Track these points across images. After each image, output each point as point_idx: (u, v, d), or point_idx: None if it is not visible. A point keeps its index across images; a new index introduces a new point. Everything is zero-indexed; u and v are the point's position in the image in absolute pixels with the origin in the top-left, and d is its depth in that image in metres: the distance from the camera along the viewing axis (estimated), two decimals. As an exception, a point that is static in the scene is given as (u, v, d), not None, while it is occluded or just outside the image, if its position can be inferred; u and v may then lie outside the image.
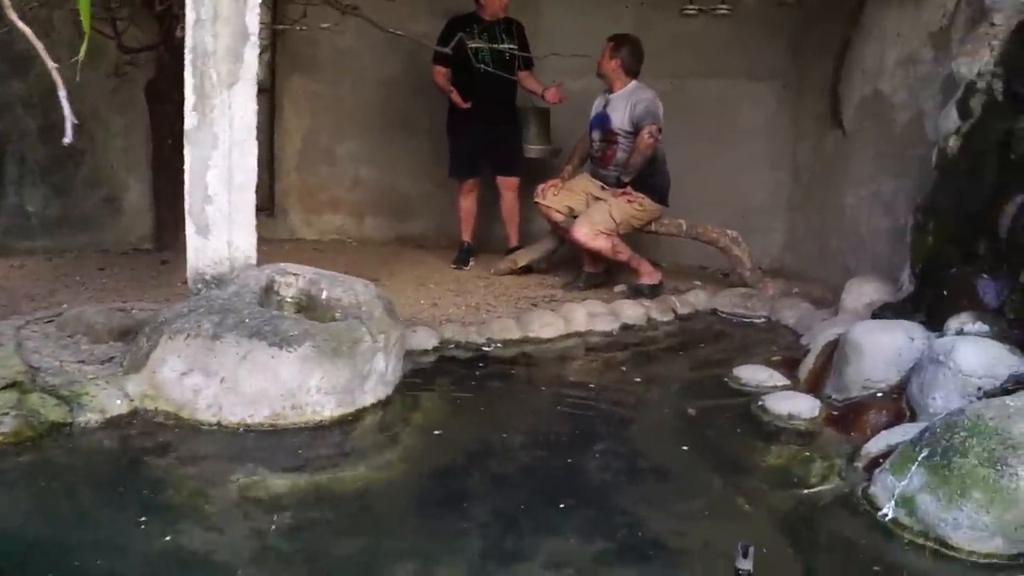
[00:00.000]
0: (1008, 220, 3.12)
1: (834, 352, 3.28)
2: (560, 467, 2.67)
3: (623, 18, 5.87)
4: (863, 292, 3.88)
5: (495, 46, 5.13)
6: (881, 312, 3.52)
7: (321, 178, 6.60)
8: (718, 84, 5.99)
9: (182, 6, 3.40)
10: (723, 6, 5.77)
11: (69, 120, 2.00)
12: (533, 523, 2.29)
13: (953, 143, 3.54)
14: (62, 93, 2.02)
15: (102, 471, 2.51)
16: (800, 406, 3.07)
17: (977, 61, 3.54)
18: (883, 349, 3.03)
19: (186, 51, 3.28)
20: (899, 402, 2.92)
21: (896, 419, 2.84)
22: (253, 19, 3.31)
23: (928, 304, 3.35)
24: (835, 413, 3.05)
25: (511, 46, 5.10)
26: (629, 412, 3.29)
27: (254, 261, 3.39)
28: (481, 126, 5.51)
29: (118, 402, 2.79)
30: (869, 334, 3.11)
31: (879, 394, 3.00)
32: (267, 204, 6.34)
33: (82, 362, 3.17)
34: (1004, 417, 2.23)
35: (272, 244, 5.76)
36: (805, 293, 4.80)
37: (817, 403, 3.09)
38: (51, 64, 2.06)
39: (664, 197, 5.13)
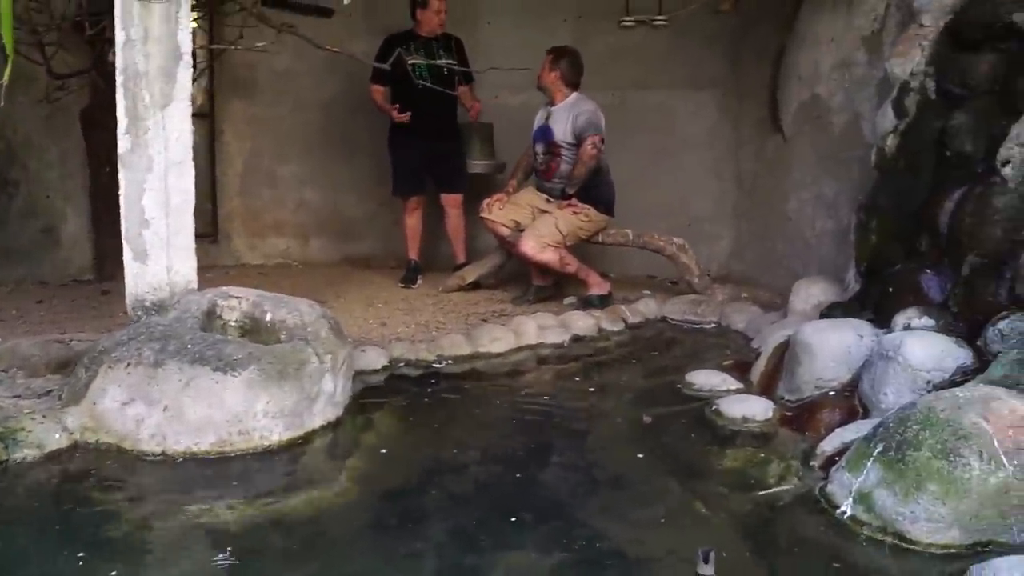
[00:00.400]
0: (947, 216, 3.16)
1: (785, 353, 3.29)
2: (516, 481, 2.63)
3: (561, 31, 5.89)
4: (811, 293, 3.90)
5: (433, 62, 5.09)
6: (829, 312, 3.54)
7: (264, 201, 6.52)
8: (659, 94, 6.04)
9: (114, 30, 3.33)
10: (660, 17, 5.83)
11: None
12: (491, 539, 2.24)
13: (891, 142, 3.59)
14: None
15: (41, 508, 2.40)
16: (754, 408, 3.07)
17: (909, 61, 3.59)
18: (833, 348, 3.04)
19: (117, 72, 3.21)
20: (851, 399, 2.92)
21: (849, 417, 2.84)
22: (185, 38, 3.24)
23: (875, 301, 3.38)
24: (789, 414, 3.04)
25: (449, 61, 5.06)
26: (584, 423, 3.26)
27: (195, 285, 3.30)
28: (423, 143, 5.48)
29: (57, 436, 2.69)
30: (819, 334, 3.12)
31: (831, 393, 3.00)
32: (210, 230, 6.25)
33: (18, 397, 3.05)
34: (954, 408, 2.24)
35: (216, 270, 5.68)
36: (754, 297, 4.83)
37: (771, 405, 3.09)
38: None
39: (610, 207, 5.13)
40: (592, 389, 3.59)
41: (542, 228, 4.92)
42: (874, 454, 2.29)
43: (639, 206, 5.53)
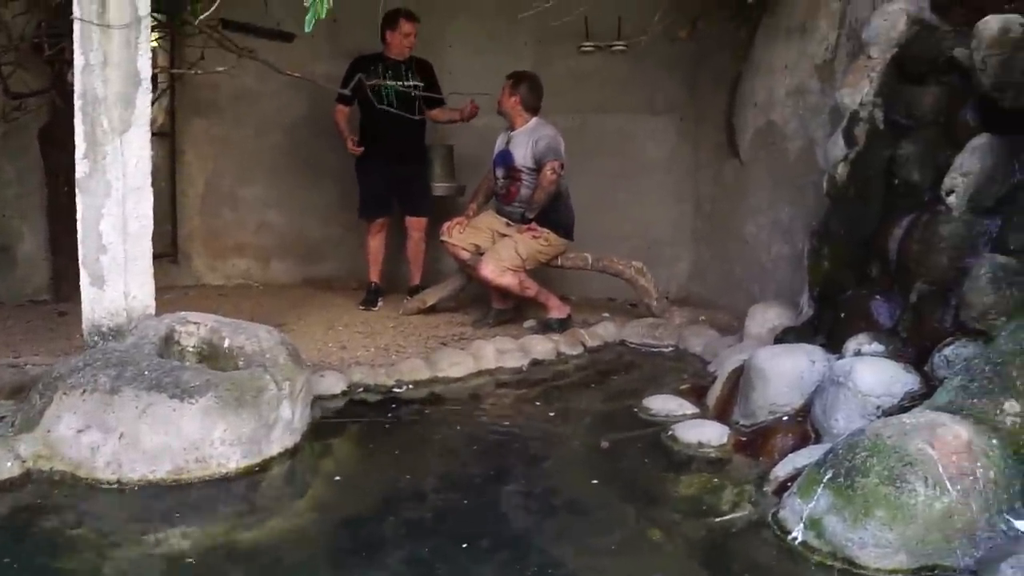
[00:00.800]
0: (896, 243, 3.23)
1: (740, 378, 3.33)
2: (474, 508, 2.64)
3: (523, 56, 5.91)
4: (766, 318, 3.96)
5: (396, 84, 5.11)
6: (783, 337, 3.60)
7: (225, 222, 6.47)
8: (618, 118, 6.08)
9: (73, 51, 3.31)
10: (619, 43, 5.88)
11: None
12: (447, 567, 2.25)
13: (841, 170, 3.66)
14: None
15: (-8, 538, 2.38)
16: (709, 434, 3.11)
17: (858, 92, 3.67)
18: (786, 373, 3.09)
19: (76, 97, 3.20)
20: (804, 425, 2.97)
21: (802, 442, 2.89)
22: (144, 63, 3.24)
23: (827, 327, 3.44)
24: (743, 439, 3.09)
25: (416, 83, 5.08)
26: (541, 448, 3.27)
27: (152, 311, 3.29)
28: (391, 166, 5.50)
29: (9, 464, 2.65)
30: (772, 359, 3.17)
31: (784, 418, 3.05)
32: (170, 250, 6.20)
33: (-31, 424, 3.01)
34: (901, 435, 2.29)
35: (176, 290, 5.63)
36: (711, 321, 4.88)
37: (726, 430, 3.13)
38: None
39: (569, 231, 5.16)
40: (551, 414, 3.61)
41: (502, 252, 4.94)
42: (824, 480, 2.33)
43: (599, 230, 5.56)
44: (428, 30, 5.62)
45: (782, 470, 2.70)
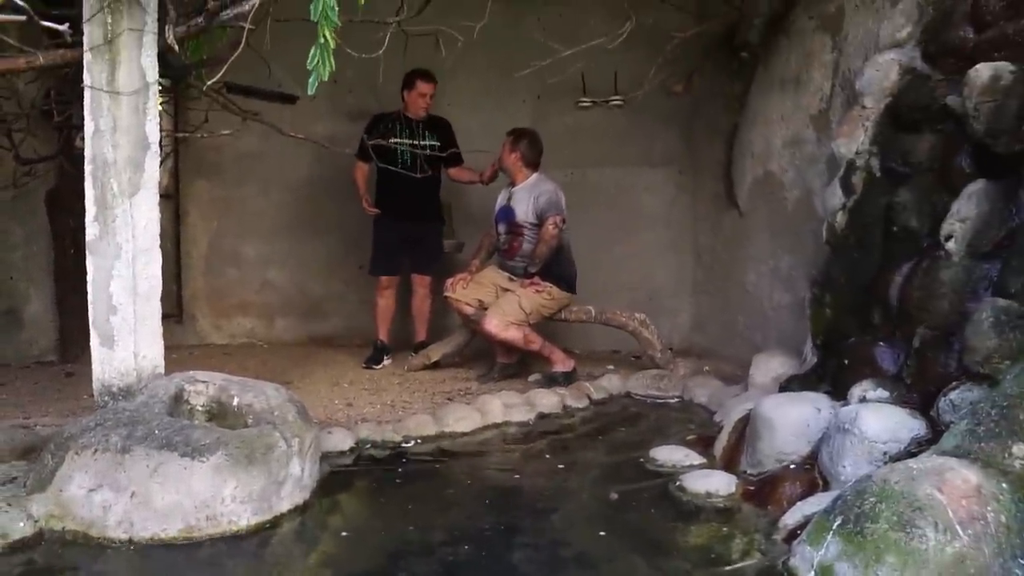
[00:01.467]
0: (897, 289, 3.26)
1: (746, 427, 3.35)
2: (483, 561, 2.64)
3: (521, 112, 6.03)
4: (770, 367, 3.98)
5: (414, 142, 5.20)
6: (788, 385, 3.61)
7: (229, 281, 6.54)
8: (617, 172, 6.18)
9: (81, 116, 3.38)
10: (616, 98, 5.99)
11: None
12: (460, 621, 2.25)
13: (840, 218, 3.71)
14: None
15: (5, 601, 2.39)
16: (717, 483, 3.11)
17: (854, 141, 3.73)
18: (792, 421, 3.10)
19: (86, 162, 3.25)
20: (812, 472, 2.98)
21: (810, 490, 2.89)
22: (153, 128, 3.30)
23: (831, 374, 3.45)
24: (751, 488, 3.09)
25: (432, 143, 5.17)
26: (550, 500, 3.27)
27: (162, 370, 3.31)
28: (406, 224, 5.58)
29: (21, 524, 2.66)
30: (778, 408, 3.18)
31: (792, 466, 3.06)
32: (175, 310, 6.25)
33: (-19, 485, 3.02)
34: (908, 480, 2.29)
35: (181, 350, 5.65)
36: (716, 371, 4.90)
37: (733, 479, 3.13)
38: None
39: (572, 285, 5.20)
40: (558, 466, 3.62)
41: (506, 306, 4.98)
42: (833, 527, 2.34)
43: (600, 282, 5.62)
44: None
45: (791, 518, 2.70)
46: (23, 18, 2.84)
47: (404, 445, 3.78)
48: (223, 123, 4.75)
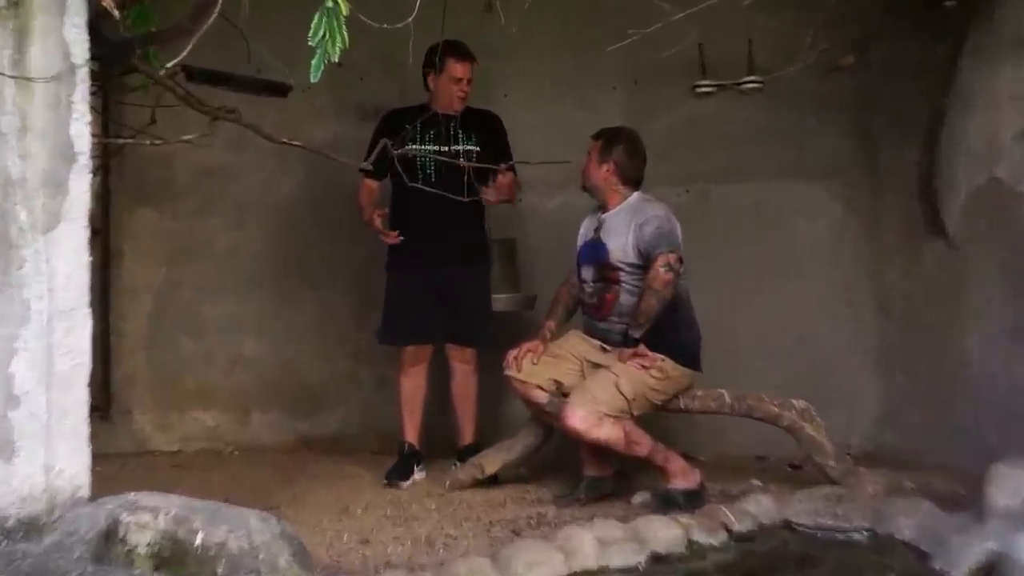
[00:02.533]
0: None
1: (990, 582, 3.16)
2: None
3: (610, 105, 6.04)
4: (1020, 483, 3.78)
5: (443, 148, 5.13)
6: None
7: (183, 358, 6.54)
8: (754, 188, 6.18)
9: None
10: (751, 79, 6.02)
11: None
12: None
13: None
14: None
15: None
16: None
17: None
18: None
19: (-20, 179, 3.20)
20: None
21: None
22: (81, 131, 3.26)
23: None
24: None
25: (470, 148, 5.09)
26: None
27: (87, 493, 3.23)
28: (435, 270, 5.56)
29: None
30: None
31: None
32: (100, 401, 6.19)
33: None
34: None
35: (110, 461, 5.56)
36: (923, 487, 4.75)
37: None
38: None
39: (694, 357, 5.12)
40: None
41: (597, 391, 4.87)
42: None
43: (735, 352, 5.57)
44: (475, 76, 5.67)
45: None
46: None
47: (449, 606, 3.65)
48: (177, 125, 4.71)
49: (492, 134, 5.64)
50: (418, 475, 5.53)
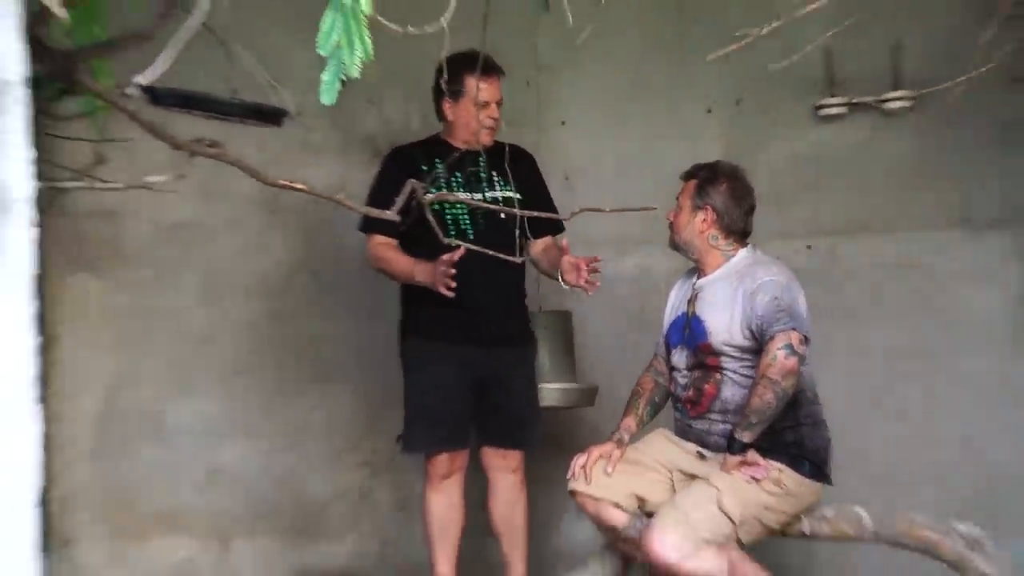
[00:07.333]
0: None
1: None
2: None
3: (706, 134, 6.05)
4: None
5: (474, 196, 5.15)
6: None
7: (141, 470, 6.52)
8: (901, 243, 6.20)
9: None
10: (898, 95, 5.99)
11: None
12: None
13: None
14: None
15: None
16: None
17: None
18: None
19: None
20: None
21: None
22: (19, 171, 3.29)
23: None
24: None
25: (509, 195, 5.13)
26: None
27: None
28: (466, 351, 5.58)
29: None
30: None
31: None
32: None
33: None
34: None
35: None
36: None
37: None
38: None
39: (822, 466, 5.11)
40: None
41: (692, 510, 4.86)
42: None
43: (878, 461, 5.48)
44: (521, 96, 5.72)
45: None
46: None
47: None
48: (131, 167, 4.77)
49: (531, 174, 5.71)
50: (455, 626, 5.53)
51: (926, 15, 4.91)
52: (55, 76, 4.04)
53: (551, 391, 5.82)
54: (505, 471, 5.76)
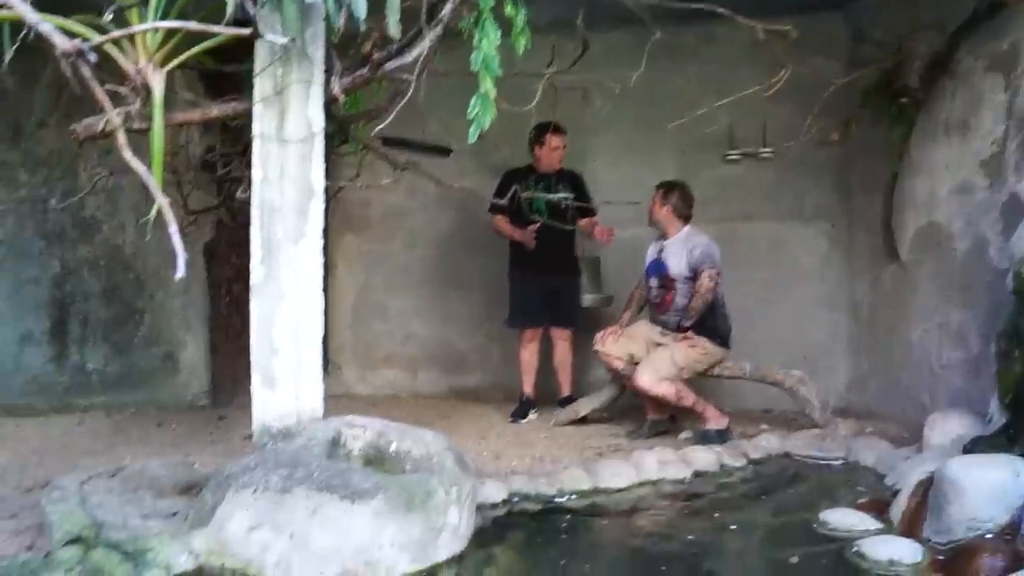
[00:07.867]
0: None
1: (928, 491, 3.08)
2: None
3: (665, 166, 5.89)
4: (948, 427, 3.70)
5: (550, 195, 5.15)
6: (973, 446, 3.33)
7: (375, 334, 6.64)
8: (767, 226, 6.03)
9: (242, 169, 3.44)
10: (765, 150, 5.90)
11: (181, 256, 2.08)
12: None
13: (1030, 267, 3.43)
14: (173, 228, 2.11)
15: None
16: (901, 551, 2.86)
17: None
18: (986, 486, 2.84)
19: (253, 207, 3.30)
20: (1014, 543, 2.70)
21: (1014, 563, 2.60)
22: (318, 176, 3.34)
23: (1025, 436, 3.17)
24: (940, 557, 2.83)
25: (566, 195, 5.14)
26: (717, 562, 3.09)
27: (320, 414, 3.31)
28: (542, 276, 5.54)
29: (183, 559, 2.65)
30: (968, 470, 2.92)
31: (988, 535, 2.78)
32: (322, 360, 6.32)
33: (146, 517, 3.03)
34: None
35: (327, 400, 5.71)
36: (879, 432, 4.62)
37: (919, 547, 2.87)
38: (162, 199, 2.14)
39: (726, 340, 5.05)
40: (721, 527, 3.42)
41: (658, 361, 4.85)
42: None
43: (753, 339, 5.41)
44: (571, 143, 5.67)
45: (995, 593, 2.44)
46: (247, 32, 2.91)
47: (558, 499, 3.65)
48: (371, 177, 4.81)
49: (579, 184, 5.62)
50: (533, 416, 5.50)
51: (781, 106, 4.83)
52: (338, 130, 4.09)
53: (587, 298, 5.73)
54: (562, 339, 5.71)
